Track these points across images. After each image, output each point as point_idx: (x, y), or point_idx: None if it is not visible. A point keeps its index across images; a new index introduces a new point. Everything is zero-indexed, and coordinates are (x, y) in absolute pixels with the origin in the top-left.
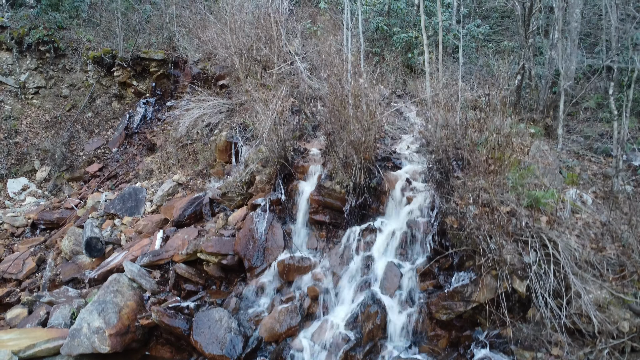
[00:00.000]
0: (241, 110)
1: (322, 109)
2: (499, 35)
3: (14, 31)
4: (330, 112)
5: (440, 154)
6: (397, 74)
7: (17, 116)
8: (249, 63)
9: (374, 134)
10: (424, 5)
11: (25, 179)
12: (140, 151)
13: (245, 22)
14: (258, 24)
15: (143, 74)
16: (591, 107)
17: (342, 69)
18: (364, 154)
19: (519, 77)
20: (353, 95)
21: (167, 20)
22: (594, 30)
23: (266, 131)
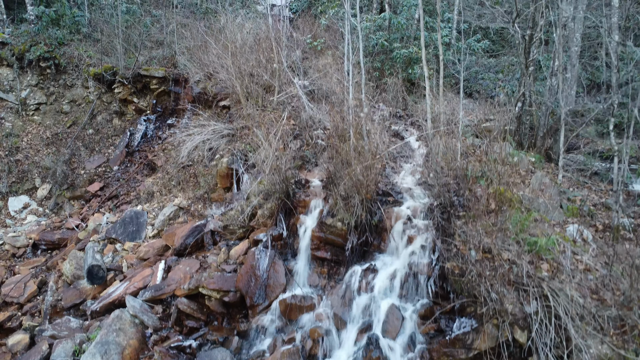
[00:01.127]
0: (242, 135)
1: (322, 133)
2: (499, 45)
3: (14, 47)
4: (331, 153)
5: (441, 193)
6: (398, 90)
7: (18, 133)
8: (250, 87)
9: (375, 175)
10: (424, 22)
11: (26, 196)
12: (141, 170)
13: (246, 43)
14: (259, 46)
15: (144, 90)
16: (591, 136)
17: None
18: (365, 194)
19: (520, 104)
20: (355, 136)
21: (167, 37)
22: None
23: (268, 168)
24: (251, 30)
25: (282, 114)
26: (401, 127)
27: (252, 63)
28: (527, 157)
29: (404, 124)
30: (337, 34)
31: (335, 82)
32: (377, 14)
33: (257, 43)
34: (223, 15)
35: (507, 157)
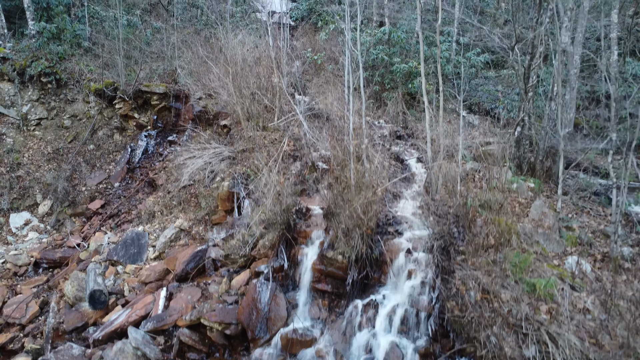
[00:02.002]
0: (243, 157)
1: (323, 153)
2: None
3: (15, 62)
4: (332, 188)
5: (440, 226)
6: (398, 105)
7: (19, 149)
8: (250, 108)
9: (374, 212)
10: (423, 38)
11: (27, 213)
12: (142, 188)
13: (246, 61)
14: (259, 66)
15: (144, 106)
16: (590, 159)
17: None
18: (366, 229)
19: (519, 128)
20: (355, 173)
21: (168, 51)
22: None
23: (269, 201)
24: (251, 48)
25: (282, 135)
26: (401, 148)
27: (252, 81)
28: (526, 182)
29: (405, 144)
30: (338, 48)
31: (335, 100)
32: (377, 27)
33: (258, 63)
34: (223, 34)
35: (507, 183)
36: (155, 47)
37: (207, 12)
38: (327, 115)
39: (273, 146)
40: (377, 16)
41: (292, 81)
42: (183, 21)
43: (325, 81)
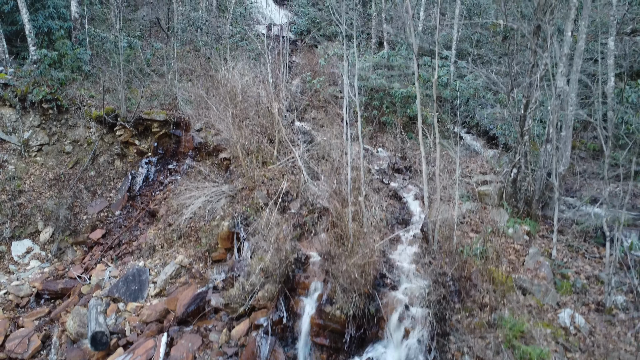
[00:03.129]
0: (243, 196)
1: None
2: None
3: (17, 89)
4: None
5: (437, 281)
6: (397, 129)
7: (21, 175)
8: (250, 144)
9: (372, 275)
10: (422, 62)
11: (29, 240)
12: (143, 218)
13: (246, 91)
14: (259, 95)
15: (145, 132)
16: (586, 201)
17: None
18: (364, 288)
19: (515, 170)
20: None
21: (169, 78)
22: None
23: (269, 256)
24: (250, 78)
25: (282, 171)
26: (399, 183)
27: (252, 114)
28: (522, 226)
29: (403, 177)
30: (337, 71)
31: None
32: (376, 48)
33: (257, 94)
34: (222, 63)
35: (502, 228)
36: (156, 65)
37: (206, 33)
38: (326, 153)
39: (272, 184)
40: (376, 37)
41: (292, 104)
42: (183, 41)
43: (324, 103)
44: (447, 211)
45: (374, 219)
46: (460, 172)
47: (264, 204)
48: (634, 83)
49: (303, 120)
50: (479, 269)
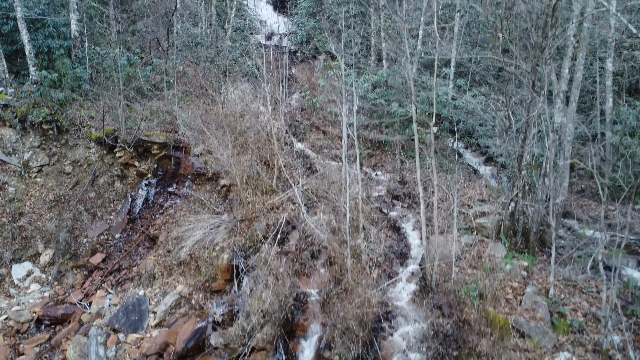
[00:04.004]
0: (242, 227)
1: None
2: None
3: (17, 110)
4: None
5: (436, 331)
6: (396, 149)
7: (21, 197)
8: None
9: (370, 319)
10: (420, 83)
11: (29, 263)
12: (143, 242)
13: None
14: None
15: (145, 154)
16: (583, 234)
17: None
18: (362, 336)
19: (513, 204)
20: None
21: (169, 101)
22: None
23: (268, 299)
24: (250, 101)
25: (281, 200)
26: (398, 211)
27: (252, 139)
28: (520, 261)
29: (402, 205)
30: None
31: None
32: (375, 65)
33: (257, 125)
34: (221, 84)
35: (500, 264)
36: (155, 81)
37: (206, 48)
38: (325, 184)
39: (272, 214)
40: (375, 53)
41: (291, 124)
42: (182, 56)
43: (324, 122)
44: (445, 245)
45: (373, 254)
46: (459, 201)
47: (263, 237)
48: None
49: (303, 141)
50: (476, 313)
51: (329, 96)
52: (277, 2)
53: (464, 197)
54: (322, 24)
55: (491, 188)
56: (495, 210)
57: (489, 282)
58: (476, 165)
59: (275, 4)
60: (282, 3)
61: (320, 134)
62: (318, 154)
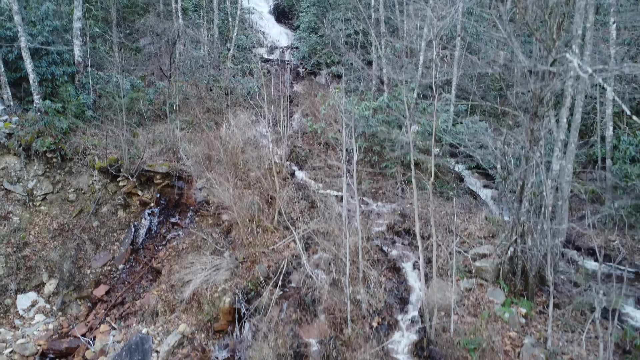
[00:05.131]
0: (244, 268)
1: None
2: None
3: (21, 138)
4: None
5: None
6: (396, 179)
7: (26, 226)
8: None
9: None
10: (421, 106)
11: (34, 293)
12: (146, 274)
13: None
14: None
15: (147, 182)
16: (580, 282)
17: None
18: None
19: (512, 249)
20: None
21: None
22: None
23: (270, 355)
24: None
25: (282, 236)
26: (399, 249)
27: (253, 173)
28: (518, 308)
29: (402, 242)
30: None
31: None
32: (376, 89)
33: (259, 156)
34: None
35: (499, 311)
36: (159, 102)
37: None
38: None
39: (273, 256)
40: (376, 78)
41: (293, 151)
42: (185, 77)
43: (325, 147)
44: (445, 290)
45: (374, 299)
46: (458, 240)
47: (264, 279)
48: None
49: (304, 168)
50: None
51: (329, 121)
52: (279, 13)
53: (463, 232)
54: (324, 39)
55: (491, 220)
56: (494, 252)
57: (487, 332)
58: (477, 189)
59: (277, 15)
60: (284, 14)
61: (322, 160)
62: (319, 183)
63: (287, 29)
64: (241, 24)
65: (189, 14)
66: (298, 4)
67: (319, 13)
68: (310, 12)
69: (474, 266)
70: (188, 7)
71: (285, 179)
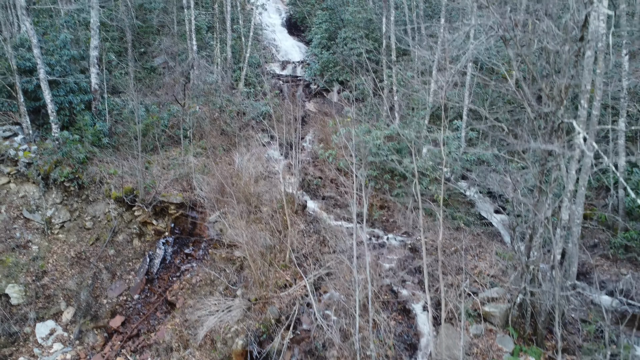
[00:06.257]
0: (257, 309)
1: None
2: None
3: (40, 167)
4: None
5: None
6: (407, 209)
7: (44, 255)
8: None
9: None
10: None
11: (52, 321)
12: (161, 306)
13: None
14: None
15: (162, 212)
16: (590, 331)
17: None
18: None
19: (521, 295)
20: None
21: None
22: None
23: None
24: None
25: (294, 274)
26: (409, 288)
27: (265, 209)
28: (527, 357)
29: (412, 281)
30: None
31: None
32: (387, 116)
33: (271, 216)
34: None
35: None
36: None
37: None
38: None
39: (286, 298)
40: (388, 105)
41: (304, 178)
42: (199, 100)
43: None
44: (454, 337)
45: (383, 346)
46: (468, 280)
47: (276, 321)
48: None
49: (316, 198)
50: None
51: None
52: (292, 25)
53: (473, 270)
54: (336, 57)
55: (502, 256)
56: (503, 296)
57: None
58: (488, 214)
59: (289, 27)
60: (296, 26)
61: (333, 187)
62: (330, 214)
63: (299, 42)
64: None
65: (202, 33)
66: (310, 18)
67: (330, 30)
68: (322, 29)
69: (483, 311)
70: (201, 26)
71: (297, 212)
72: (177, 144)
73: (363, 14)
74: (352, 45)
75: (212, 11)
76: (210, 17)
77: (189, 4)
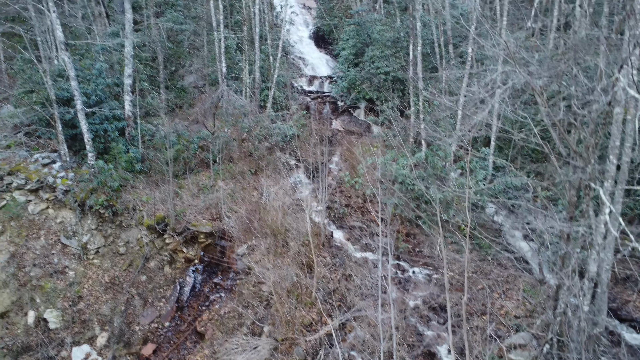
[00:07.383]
0: (283, 348)
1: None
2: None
3: (77, 195)
4: None
5: None
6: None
7: (80, 280)
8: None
9: None
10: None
11: (87, 346)
12: (190, 336)
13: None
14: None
15: (192, 240)
16: None
17: None
18: None
19: (547, 345)
20: None
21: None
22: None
23: None
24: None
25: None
26: (434, 329)
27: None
28: None
29: (437, 321)
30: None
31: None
32: (413, 142)
33: (298, 252)
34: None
35: None
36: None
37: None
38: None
39: (311, 334)
40: (414, 133)
41: (330, 205)
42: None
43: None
44: None
45: None
46: (494, 323)
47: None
48: None
49: (342, 227)
50: None
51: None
52: (319, 38)
53: (500, 311)
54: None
55: (528, 293)
56: (530, 342)
57: None
58: (516, 241)
59: (317, 40)
60: (323, 39)
61: (359, 216)
62: (356, 244)
63: (326, 55)
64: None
65: (231, 53)
66: (337, 30)
67: (358, 46)
68: (349, 45)
69: (509, 359)
70: (231, 45)
71: (324, 244)
72: (207, 167)
73: (390, 33)
74: (379, 64)
75: (240, 33)
76: (239, 38)
77: (219, 25)
